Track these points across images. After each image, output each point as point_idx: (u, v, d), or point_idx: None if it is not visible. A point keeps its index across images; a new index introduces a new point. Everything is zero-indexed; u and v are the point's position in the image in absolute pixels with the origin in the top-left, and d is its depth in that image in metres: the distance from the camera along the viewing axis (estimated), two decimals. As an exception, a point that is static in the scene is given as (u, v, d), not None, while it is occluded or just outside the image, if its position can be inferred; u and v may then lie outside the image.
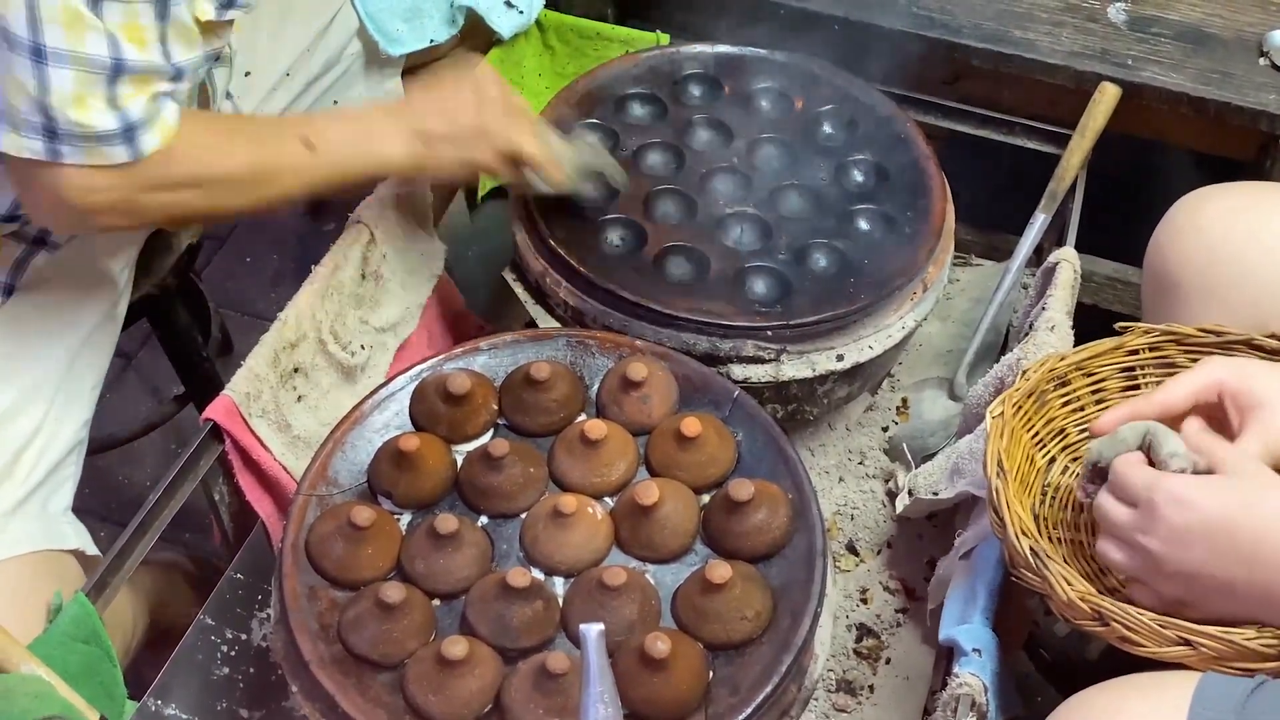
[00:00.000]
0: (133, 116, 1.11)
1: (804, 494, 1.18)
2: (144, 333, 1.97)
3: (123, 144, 1.12)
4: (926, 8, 1.69)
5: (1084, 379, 1.20)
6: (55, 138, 1.10)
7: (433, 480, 1.19)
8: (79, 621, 1.15)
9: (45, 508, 1.28)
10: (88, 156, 1.12)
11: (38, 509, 1.26)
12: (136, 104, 1.11)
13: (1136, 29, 1.67)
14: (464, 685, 1.04)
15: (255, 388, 1.31)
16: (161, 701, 1.25)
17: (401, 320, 1.50)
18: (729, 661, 1.09)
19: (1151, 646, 0.97)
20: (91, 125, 1.10)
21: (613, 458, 1.20)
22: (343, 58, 1.60)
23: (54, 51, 1.06)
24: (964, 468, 1.32)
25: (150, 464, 2.00)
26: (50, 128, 1.10)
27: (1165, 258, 1.27)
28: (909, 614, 1.45)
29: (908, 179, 1.50)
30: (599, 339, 1.31)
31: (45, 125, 1.10)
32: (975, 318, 1.60)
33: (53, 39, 1.06)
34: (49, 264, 1.32)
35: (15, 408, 1.27)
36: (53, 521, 1.27)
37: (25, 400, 1.28)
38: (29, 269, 1.30)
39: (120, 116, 1.11)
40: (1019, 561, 1.04)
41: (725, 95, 1.59)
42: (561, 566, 1.14)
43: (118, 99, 1.10)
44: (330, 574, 1.13)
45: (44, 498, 1.28)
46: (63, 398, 1.32)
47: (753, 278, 1.40)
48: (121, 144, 1.12)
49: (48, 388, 1.30)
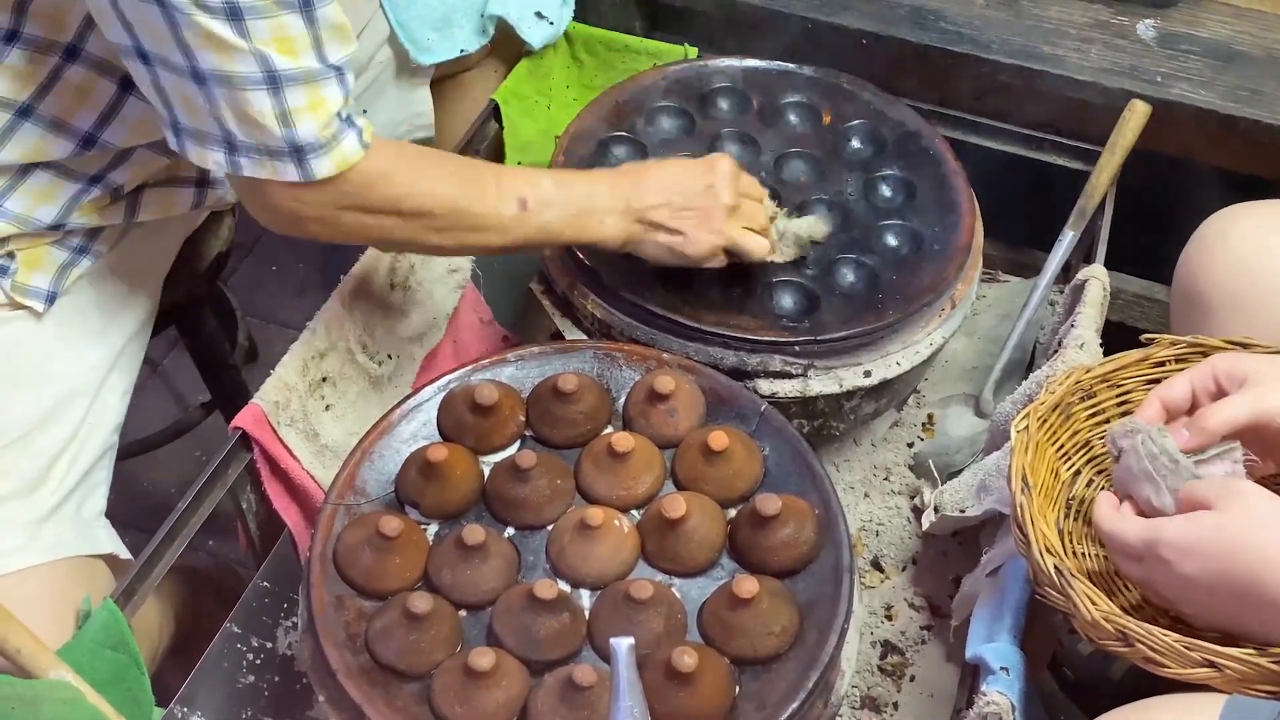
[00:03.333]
0: (300, 137, 1.10)
1: (831, 509, 1.18)
2: (170, 339, 1.99)
3: (293, 162, 1.12)
4: (955, 23, 1.69)
5: (1110, 391, 1.19)
6: (234, 150, 1.11)
7: (460, 491, 1.19)
8: (107, 628, 1.16)
9: (80, 512, 1.29)
10: (264, 170, 1.12)
11: (72, 513, 1.27)
12: (307, 124, 1.10)
13: (1166, 46, 1.66)
14: (491, 697, 1.04)
15: (284, 396, 1.31)
16: (187, 709, 1.25)
17: (428, 330, 1.50)
18: (755, 677, 1.09)
19: (1176, 668, 0.96)
20: (262, 139, 1.10)
21: (639, 470, 1.20)
22: (372, 65, 1.60)
23: (211, 74, 1.07)
24: (991, 485, 1.32)
25: (175, 470, 2.01)
26: (229, 140, 1.11)
27: (1194, 275, 1.27)
28: (934, 631, 1.45)
29: (936, 195, 1.50)
30: (626, 352, 1.31)
31: (224, 137, 1.11)
32: (1002, 334, 1.60)
33: (206, 63, 1.06)
34: (90, 272, 1.33)
35: (51, 414, 1.28)
36: (87, 526, 1.28)
37: (61, 407, 1.29)
38: (70, 277, 1.30)
39: (288, 134, 1.10)
40: (1043, 580, 1.04)
41: (753, 109, 1.60)
42: (588, 579, 1.14)
43: (288, 115, 1.09)
44: (358, 583, 1.13)
45: (78, 502, 1.29)
46: (98, 404, 1.33)
47: (780, 292, 1.40)
48: (291, 162, 1.12)
49: (83, 394, 1.31)
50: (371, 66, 1.61)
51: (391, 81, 1.64)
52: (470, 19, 1.65)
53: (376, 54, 1.60)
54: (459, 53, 1.65)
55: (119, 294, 1.37)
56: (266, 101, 1.08)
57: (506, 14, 1.65)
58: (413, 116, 1.69)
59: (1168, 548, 0.96)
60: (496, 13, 1.64)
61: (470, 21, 1.65)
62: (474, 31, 1.65)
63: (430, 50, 1.62)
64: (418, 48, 1.61)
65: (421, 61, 1.62)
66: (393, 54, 1.62)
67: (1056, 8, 1.72)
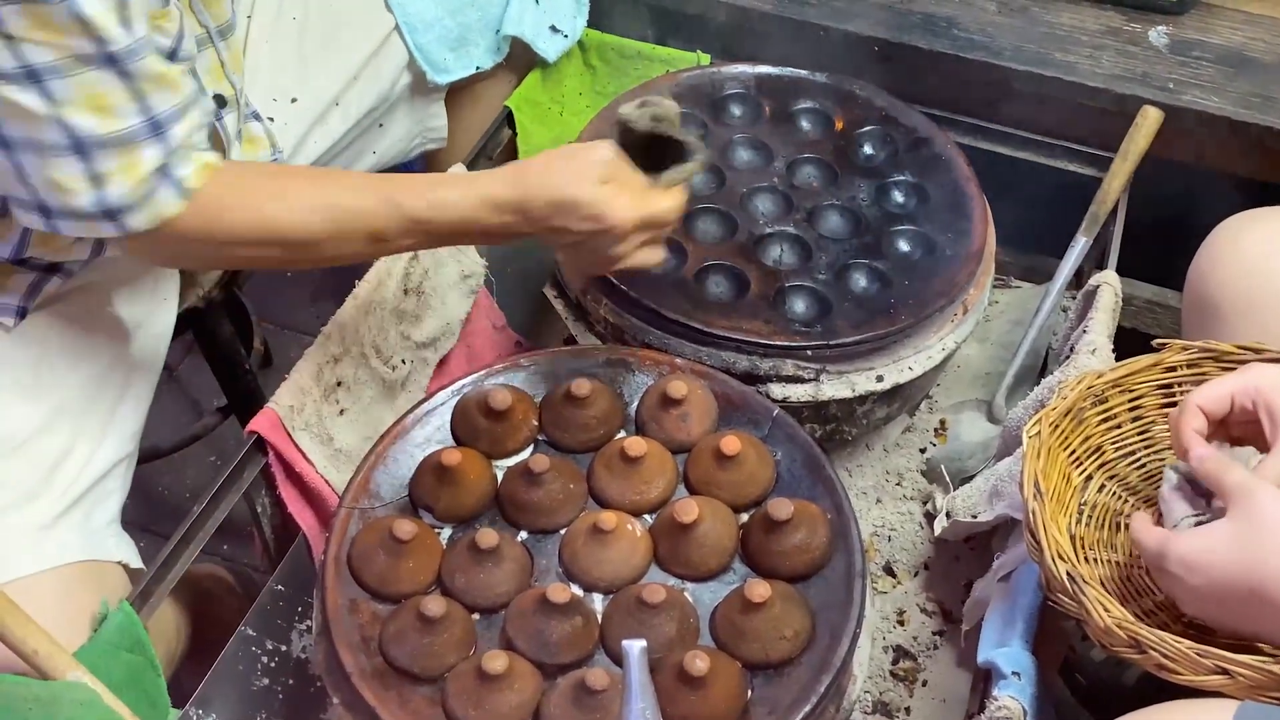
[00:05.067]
0: (111, 199, 1.08)
1: (844, 514, 1.18)
2: (186, 345, 2.00)
3: (107, 221, 1.10)
4: (967, 30, 1.70)
5: (1121, 396, 1.19)
6: (49, 214, 1.10)
7: (473, 495, 1.20)
8: (123, 630, 1.16)
9: (88, 520, 1.28)
10: (83, 229, 1.11)
11: (79, 521, 1.27)
12: (118, 185, 1.08)
13: (1178, 53, 1.66)
14: (504, 700, 1.05)
15: (299, 401, 1.32)
16: (202, 711, 1.26)
17: (442, 335, 1.51)
18: (768, 681, 1.09)
19: (1188, 674, 0.96)
20: (71, 203, 1.08)
21: (652, 475, 1.21)
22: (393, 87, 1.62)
23: (18, 141, 1.05)
24: (1003, 490, 1.32)
25: (190, 475, 2.02)
26: (41, 205, 1.10)
27: (1206, 281, 1.27)
28: (946, 636, 1.45)
29: (949, 200, 1.50)
30: (639, 356, 1.32)
31: (36, 203, 1.10)
32: (1014, 340, 1.60)
33: (12, 130, 1.05)
34: (69, 289, 1.32)
35: (43, 426, 1.27)
36: (95, 534, 1.28)
37: (52, 419, 1.28)
38: (42, 294, 1.29)
39: (98, 196, 1.08)
40: (1055, 586, 1.04)
41: (765, 115, 1.60)
42: (601, 583, 1.15)
43: (99, 177, 1.07)
44: (372, 587, 1.14)
45: (86, 510, 1.29)
46: (99, 414, 1.32)
47: (793, 297, 1.40)
48: (105, 221, 1.10)
49: (77, 406, 1.30)
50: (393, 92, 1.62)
51: (407, 99, 1.65)
52: (485, 37, 1.66)
53: (398, 79, 1.61)
54: (474, 70, 1.66)
55: (107, 308, 1.36)
56: (75, 167, 1.06)
57: (522, 33, 1.66)
58: (426, 131, 1.70)
59: (1175, 561, 0.97)
60: (512, 33, 1.65)
61: (485, 40, 1.66)
62: (488, 50, 1.67)
63: (447, 70, 1.64)
64: (435, 68, 1.62)
65: (439, 81, 1.63)
66: (410, 76, 1.63)
67: (1069, 14, 1.72)
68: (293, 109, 1.51)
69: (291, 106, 1.51)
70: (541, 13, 1.70)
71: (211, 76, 1.33)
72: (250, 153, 1.44)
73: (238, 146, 1.42)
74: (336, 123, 1.56)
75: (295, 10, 1.55)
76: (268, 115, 1.48)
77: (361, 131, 1.61)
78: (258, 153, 1.45)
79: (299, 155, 1.53)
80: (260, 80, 1.49)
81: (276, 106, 1.50)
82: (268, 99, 1.49)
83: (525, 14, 1.67)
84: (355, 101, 1.57)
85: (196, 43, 1.28)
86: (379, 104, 1.60)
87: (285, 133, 1.50)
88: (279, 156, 1.47)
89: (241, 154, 1.43)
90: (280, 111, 1.50)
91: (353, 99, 1.57)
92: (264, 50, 1.51)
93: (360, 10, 1.58)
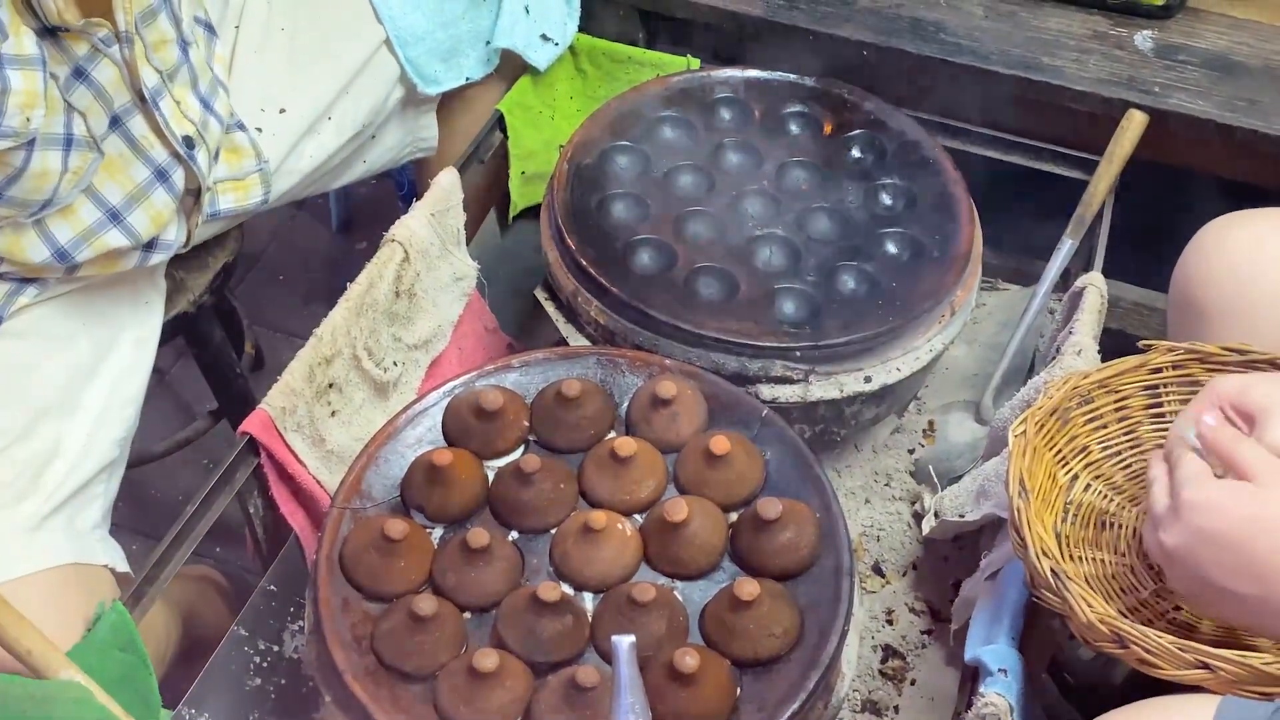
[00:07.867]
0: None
1: (832, 513, 1.19)
2: (177, 349, 2.00)
3: None
4: (955, 34, 1.71)
5: (1108, 397, 1.20)
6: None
7: (465, 495, 1.21)
8: (116, 629, 1.17)
9: (72, 524, 1.29)
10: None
11: (63, 525, 1.27)
12: None
13: (1163, 56, 1.68)
14: (495, 697, 1.05)
15: (290, 402, 1.32)
16: (195, 711, 1.27)
17: (434, 337, 1.52)
18: (756, 678, 1.10)
19: (1170, 669, 0.97)
20: None
21: (642, 475, 1.22)
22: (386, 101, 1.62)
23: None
24: (990, 490, 1.33)
25: (182, 479, 2.02)
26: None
27: (1191, 282, 1.28)
28: (934, 635, 1.46)
29: (936, 203, 1.51)
30: (629, 357, 1.32)
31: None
32: (1002, 342, 1.61)
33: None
34: (45, 299, 1.32)
35: (26, 430, 1.28)
36: (81, 538, 1.28)
37: (36, 423, 1.29)
38: (16, 304, 1.30)
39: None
40: (1040, 582, 1.05)
41: (755, 119, 1.61)
42: (591, 582, 1.16)
43: None
44: (363, 586, 1.15)
45: (71, 514, 1.29)
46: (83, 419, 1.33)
47: (782, 299, 1.41)
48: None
49: (58, 411, 1.31)
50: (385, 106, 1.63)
51: (399, 110, 1.65)
52: (476, 49, 1.66)
53: (390, 93, 1.62)
54: (464, 80, 1.66)
55: (88, 314, 1.37)
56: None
57: (514, 45, 1.66)
58: (417, 140, 1.71)
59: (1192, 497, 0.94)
60: (503, 45, 1.65)
61: (476, 51, 1.66)
62: (479, 61, 1.67)
63: (437, 81, 1.64)
64: (425, 80, 1.62)
65: (429, 93, 1.63)
66: (403, 89, 1.63)
67: (1055, 19, 1.73)
68: (281, 119, 1.51)
69: (280, 117, 1.51)
70: (532, 22, 1.70)
71: (174, 120, 1.33)
72: (234, 163, 1.44)
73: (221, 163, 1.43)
74: (330, 136, 1.55)
75: (284, 21, 1.55)
76: (255, 126, 1.48)
77: (356, 146, 1.61)
78: (242, 162, 1.45)
79: (289, 166, 1.52)
80: (248, 90, 1.49)
81: (264, 117, 1.49)
82: (255, 109, 1.49)
83: (516, 25, 1.67)
84: (349, 115, 1.57)
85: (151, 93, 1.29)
86: (373, 118, 1.60)
87: (273, 143, 1.49)
88: (264, 167, 1.47)
89: (225, 165, 1.43)
90: (268, 122, 1.49)
91: (346, 112, 1.57)
92: (252, 60, 1.51)
93: (350, 21, 1.58)
